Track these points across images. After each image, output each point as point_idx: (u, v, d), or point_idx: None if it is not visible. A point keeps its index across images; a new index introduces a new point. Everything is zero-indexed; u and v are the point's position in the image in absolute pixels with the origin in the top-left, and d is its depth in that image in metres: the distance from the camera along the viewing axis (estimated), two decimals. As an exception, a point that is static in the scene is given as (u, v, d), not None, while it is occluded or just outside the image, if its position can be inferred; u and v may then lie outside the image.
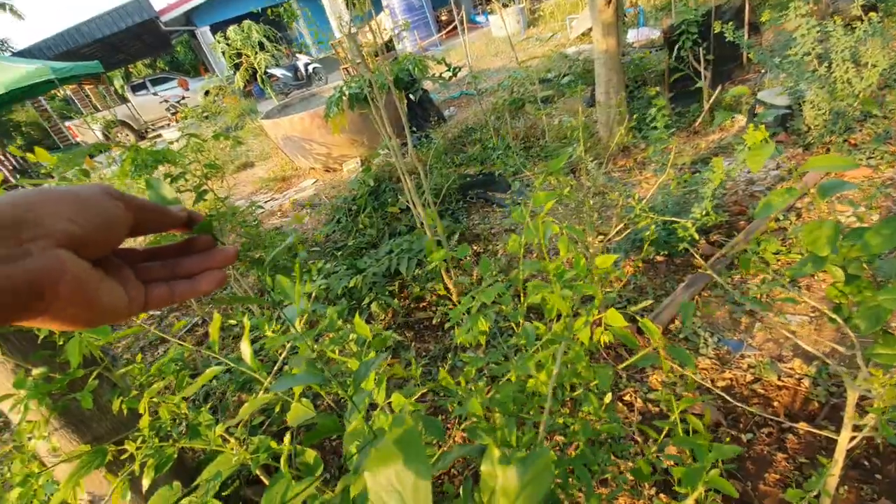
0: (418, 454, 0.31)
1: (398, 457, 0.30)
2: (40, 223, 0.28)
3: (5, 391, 0.90)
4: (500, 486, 0.40)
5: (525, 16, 12.23)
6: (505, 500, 0.39)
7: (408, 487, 0.30)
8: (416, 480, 0.30)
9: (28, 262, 0.27)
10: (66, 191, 0.30)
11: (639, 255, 2.48)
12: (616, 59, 3.82)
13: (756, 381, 1.69)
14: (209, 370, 0.92)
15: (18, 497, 1.37)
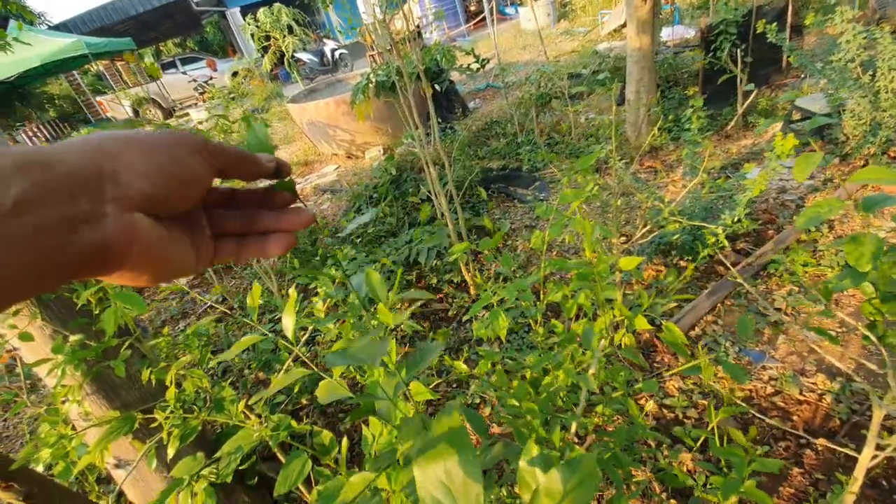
0: (469, 454, 0.31)
1: (449, 454, 0.31)
2: (118, 179, 0.26)
3: (44, 356, 0.94)
4: (544, 488, 0.40)
5: (556, 9, 12.02)
6: (549, 500, 0.39)
7: (458, 486, 0.30)
8: (466, 480, 0.30)
9: (102, 225, 0.25)
10: (147, 141, 0.28)
11: (662, 259, 2.44)
12: (650, 58, 3.74)
13: (776, 394, 1.66)
14: (247, 338, 0.94)
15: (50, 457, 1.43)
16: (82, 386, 0.99)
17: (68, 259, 0.24)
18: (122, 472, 1.23)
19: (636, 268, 1.17)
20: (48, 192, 0.23)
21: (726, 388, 1.74)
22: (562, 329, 1.27)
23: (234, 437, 1.06)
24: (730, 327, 2.00)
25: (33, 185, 0.23)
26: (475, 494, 0.30)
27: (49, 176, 0.24)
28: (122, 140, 0.27)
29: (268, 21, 8.80)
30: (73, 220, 0.24)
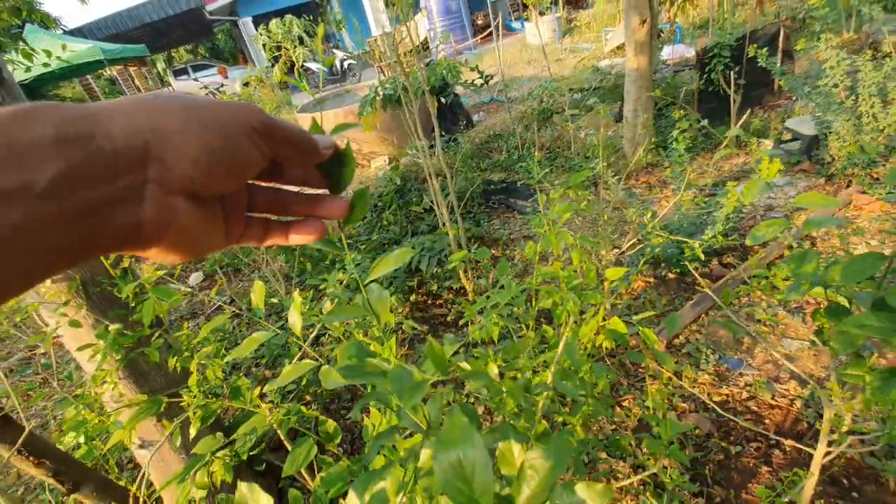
0: (478, 443, 0.42)
1: (462, 443, 0.42)
2: (164, 158, 0.24)
3: (87, 341, 1.07)
4: (529, 463, 0.52)
5: (561, 25, 12.26)
6: (533, 472, 0.52)
7: (469, 466, 0.41)
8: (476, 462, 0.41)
9: (140, 207, 0.24)
10: (206, 115, 0.26)
11: (650, 271, 2.56)
12: (647, 78, 3.89)
13: (751, 399, 1.78)
14: (256, 334, 1.07)
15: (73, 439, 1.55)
16: (117, 371, 1.12)
17: (101, 240, 0.23)
18: (145, 452, 1.35)
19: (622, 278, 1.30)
20: (88, 173, 0.21)
21: (704, 393, 1.85)
22: (552, 334, 1.39)
23: (248, 421, 1.19)
24: (711, 336, 2.11)
25: (72, 165, 0.21)
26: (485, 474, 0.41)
27: (91, 155, 0.22)
28: (179, 112, 0.25)
29: (279, 32, 9.04)
30: (110, 201, 0.23)
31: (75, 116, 0.22)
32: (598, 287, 1.39)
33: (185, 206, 0.26)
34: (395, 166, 4.44)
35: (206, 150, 0.25)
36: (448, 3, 12.97)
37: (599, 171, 2.18)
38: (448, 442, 0.43)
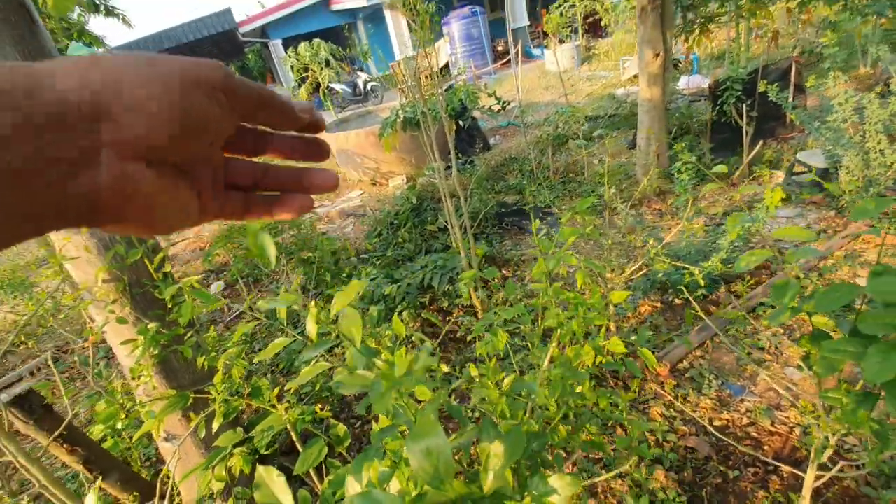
0: (440, 435, 0.52)
1: (429, 435, 0.52)
2: (119, 120, 0.22)
3: (128, 337, 1.19)
4: (492, 451, 0.62)
5: (580, 53, 12.51)
6: (496, 457, 0.61)
7: (434, 452, 0.50)
8: (439, 449, 0.51)
9: (95, 175, 0.22)
10: (164, 71, 0.24)
11: (657, 297, 2.61)
12: (660, 108, 3.99)
13: (751, 425, 1.80)
14: (279, 340, 1.17)
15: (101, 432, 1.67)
16: (152, 366, 1.23)
17: (63, 209, 0.22)
18: (169, 445, 1.46)
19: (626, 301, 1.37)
20: (31, 126, 0.20)
21: (705, 418, 1.88)
22: (557, 353, 1.47)
23: (266, 420, 1.28)
24: (715, 363, 2.15)
25: (13, 116, 0.19)
26: (445, 457, 0.51)
27: (35, 107, 0.20)
28: (132, 67, 0.23)
29: (307, 55, 9.45)
30: (61, 163, 0.21)
31: (20, 69, 0.20)
32: (603, 309, 1.46)
33: (147, 174, 0.24)
34: (411, 186, 4.58)
35: (168, 108, 0.23)
36: (470, 29, 13.35)
37: (607, 198, 2.27)
38: (419, 434, 0.54)
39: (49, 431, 1.40)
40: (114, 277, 1.17)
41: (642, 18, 3.78)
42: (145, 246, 1.12)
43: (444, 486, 0.47)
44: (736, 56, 4.85)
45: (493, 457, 0.62)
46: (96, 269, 1.13)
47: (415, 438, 0.54)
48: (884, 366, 0.80)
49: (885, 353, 0.81)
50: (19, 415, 1.32)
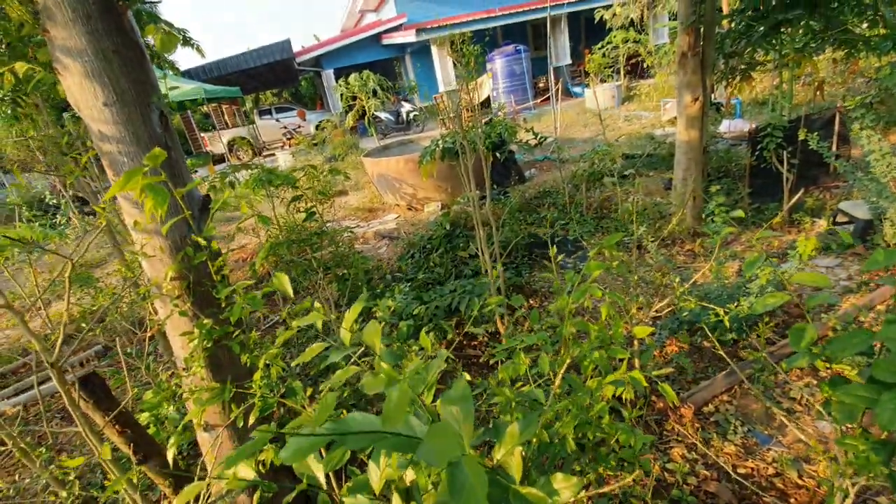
0: (468, 401, 0.61)
1: (457, 401, 0.60)
2: None
3: (187, 329, 1.32)
4: (509, 431, 0.70)
5: (621, 92, 12.64)
6: (510, 438, 0.69)
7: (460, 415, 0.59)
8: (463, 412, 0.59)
9: None
10: None
11: (685, 338, 2.59)
12: (697, 150, 4.01)
13: (777, 476, 1.76)
14: (315, 345, 1.28)
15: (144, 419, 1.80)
16: (202, 358, 1.36)
17: None
18: (207, 435, 1.57)
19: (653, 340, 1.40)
20: None
21: (729, 464, 1.85)
22: (579, 382, 1.51)
23: (298, 419, 1.38)
24: (742, 409, 2.11)
25: None
26: (467, 416, 0.60)
27: None
28: None
29: (356, 84, 9.99)
30: None
31: None
32: (625, 342, 1.51)
33: None
34: (446, 213, 4.73)
35: None
36: (512, 66, 13.76)
37: (637, 235, 2.31)
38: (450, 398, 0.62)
39: (105, 412, 1.54)
40: (180, 276, 1.32)
41: (682, 64, 3.86)
42: (209, 250, 1.27)
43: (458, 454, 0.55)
44: (779, 103, 4.82)
45: (508, 436, 0.69)
46: (167, 267, 1.29)
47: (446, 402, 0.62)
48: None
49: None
50: (83, 394, 1.47)
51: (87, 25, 1.07)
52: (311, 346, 1.31)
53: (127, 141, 1.16)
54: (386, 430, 0.58)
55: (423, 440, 0.50)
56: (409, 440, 0.58)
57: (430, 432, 0.52)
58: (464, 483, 0.48)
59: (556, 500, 0.62)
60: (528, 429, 0.67)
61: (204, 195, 1.38)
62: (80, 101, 1.13)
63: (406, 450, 0.57)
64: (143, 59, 1.18)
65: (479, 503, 0.45)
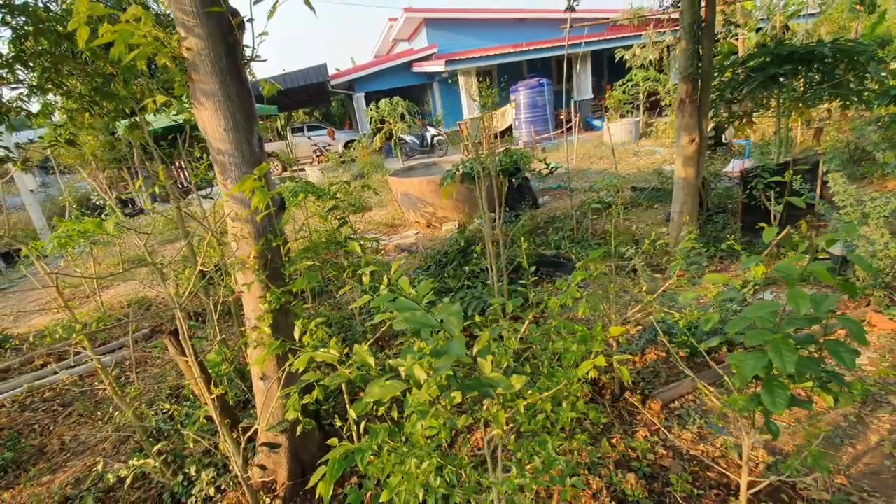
0: (457, 312, 1.03)
1: (450, 312, 1.02)
2: None
3: (261, 294, 1.77)
4: (482, 334, 1.12)
5: (639, 128, 13.10)
6: (483, 338, 1.11)
7: (452, 320, 1.00)
8: (454, 319, 1.01)
9: None
10: None
11: (663, 348, 2.95)
12: (693, 186, 4.41)
13: (722, 457, 2.10)
14: (365, 297, 1.71)
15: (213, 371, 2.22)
16: (269, 319, 1.81)
17: None
18: (262, 384, 2.01)
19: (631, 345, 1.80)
20: None
21: (685, 444, 2.20)
22: (561, 375, 1.90)
23: (334, 374, 1.80)
24: (703, 406, 2.45)
25: None
26: (457, 322, 1.02)
27: None
28: None
29: (386, 109, 10.70)
30: None
31: None
32: (602, 337, 1.91)
33: None
34: (461, 230, 5.18)
35: None
36: (535, 98, 14.40)
37: (624, 254, 2.71)
38: (445, 309, 1.04)
39: (185, 361, 2.00)
40: (261, 255, 1.77)
41: (681, 109, 4.30)
42: (283, 237, 1.73)
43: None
44: (778, 146, 5.20)
45: (482, 337, 1.11)
46: (252, 248, 1.75)
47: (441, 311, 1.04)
48: (754, 366, 1.24)
49: (757, 359, 1.25)
50: (173, 342, 1.93)
51: (220, 76, 1.56)
52: (361, 298, 1.72)
53: (235, 156, 1.64)
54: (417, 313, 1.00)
55: (440, 321, 0.93)
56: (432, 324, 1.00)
57: (441, 310, 0.95)
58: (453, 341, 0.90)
59: (510, 383, 1.03)
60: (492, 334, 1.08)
61: (280, 197, 1.85)
62: (207, 126, 1.62)
63: (430, 327, 0.99)
64: (251, 99, 1.67)
65: (461, 346, 0.87)
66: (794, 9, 7.29)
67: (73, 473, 2.68)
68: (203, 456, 2.38)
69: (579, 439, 1.90)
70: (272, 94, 1.63)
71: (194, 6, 1.49)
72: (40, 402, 3.67)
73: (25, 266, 7.17)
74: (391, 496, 1.46)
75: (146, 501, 2.29)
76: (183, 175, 12.31)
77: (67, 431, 3.21)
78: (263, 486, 2.12)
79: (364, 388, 1.33)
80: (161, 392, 3.30)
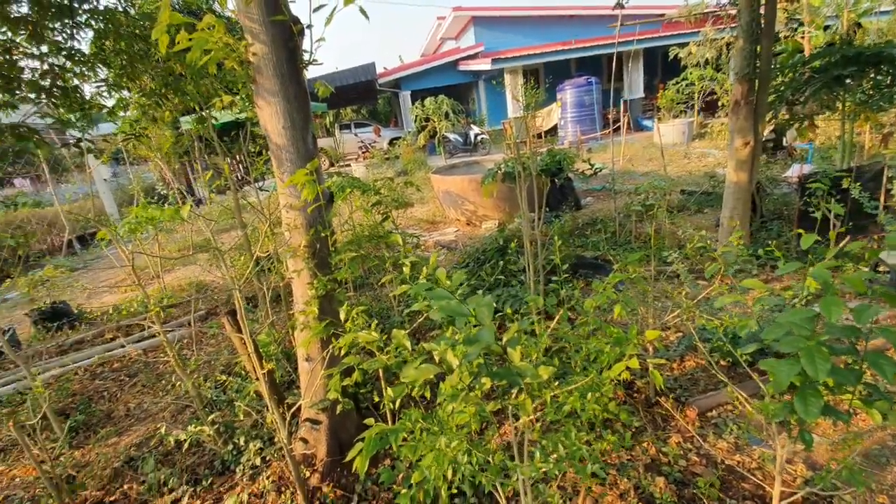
0: (489, 306, 1.10)
1: (482, 305, 1.09)
2: None
3: (306, 282, 1.92)
4: (512, 325, 1.18)
5: (692, 129, 12.58)
6: (513, 329, 1.18)
7: (483, 312, 1.07)
8: (486, 311, 1.07)
9: None
10: None
11: (703, 357, 2.88)
12: (745, 191, 4.24)
13: (758, 469, 2.05)
14: (404, 286, 1.81)
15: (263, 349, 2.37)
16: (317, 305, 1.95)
17: None
18: (307, 364, 2.16)
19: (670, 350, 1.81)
20: None
21: (720, 453, 2.16)
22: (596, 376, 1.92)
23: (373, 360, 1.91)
24: (742, 416, 2.39)
25: None
26: (487, 312, 1.09)
27: None
28: None
29: (431, 107, 10.85)
30: None
31: None
32: (637, 341, 1.92)
33: None
34: (501, 229, 5.22)
35: None
36: (582, 97, 14.12)
37: (668, 258, 2.67)
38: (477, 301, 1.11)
39: (240, 338, 2.17)
40: (310, 244, 1.91)
41: (735, 111, 4.14)
42: (330, 228, 1.86)
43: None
44: (842, 152, 4.89)
45: (512, 328, 1.17)
46: (303, 237, 1.89)
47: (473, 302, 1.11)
48: (788, 372, 1.23)
49: (791, 365, 1.25)
50: (230, 321, 2.11)
51: (280, 79, 1.71)
52: (401, 286, 1.81)
53: (291, 151, 1.78)
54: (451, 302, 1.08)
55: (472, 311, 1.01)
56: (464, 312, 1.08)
57: (474, 301, 1.03)
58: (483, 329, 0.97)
59: (537, 372, 1.09)
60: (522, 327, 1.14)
61: (329, 191, 1.99)
62: (268, 124, 1.78)
63: (462, 315, 1.06)
64: (307, 100, 1.81)
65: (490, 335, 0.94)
66: (867, 6, 6.78)
67: (136, 437, 2.96)
68: (251, 429, 2.58)
69: (609, 440, 1.92)
70: (325, 95, 1.76)
71: (261, 15, 1.64)
72: (109, 371, 4.05)
73: (102, 247, 7.84)
74: (422, 477, 1.55)
75: (199, 466, 2.51)
76: (241, 168, 13.00)
77: (132, 399, 3.53)
78: (304, 459, 2.27)
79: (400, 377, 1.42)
80: (215, 368, 3.57)
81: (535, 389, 1.39)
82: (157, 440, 2.73)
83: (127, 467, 2.61)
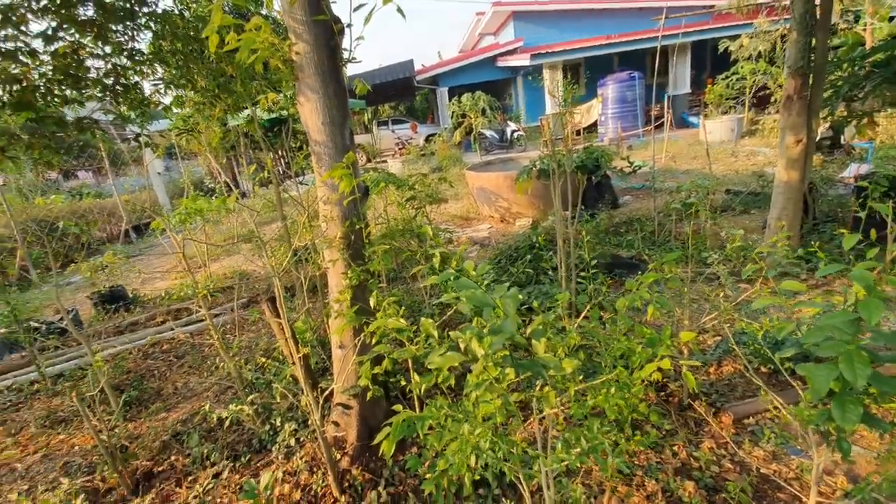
0: (514, 299, 1.12)
1: (508, 297, 1.11)
2: None
3: (341, 272, 1.99)
4: (537, 318, 1.21)
5: (742, 126, 12.01)
6: (538, 321, 1.20)
7: (508, 305, 1.10)
8: (510, 303, 1.10)
9: None
10: None
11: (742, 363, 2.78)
12: (796, 190, 4.03)
13: (796, 479, 1.97)
14: (433, 277, 1.85)
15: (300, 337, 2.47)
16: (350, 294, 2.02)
17: None
18: (340, 352, 2.24)
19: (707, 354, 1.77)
20: None
21: (755, 461, 2.09)
22: (625, 374, 1.90)
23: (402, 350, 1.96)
24: (781, 425, 2.30)
25: None
26: (512, 303, 1.11)
27: None
28: None
29: (468, 104, 10.86)
30: None
31: None
32: (669, 343, 1.89)
33: None
34: (534, 227, 5.19)
35: None
36: (624, 92, 13.73)
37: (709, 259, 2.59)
38: (502, 293, 1.14)
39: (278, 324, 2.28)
40: (345, 236, 1.99)
41: (787, 106, 3.94)
42: (364, 221, 1.93)
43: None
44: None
45: (536, 320, 1.19)
46: (339, 229, 1.97)
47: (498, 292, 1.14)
48: (826, 377, 1.20)
49: (829, 370, 1.21)
50: (270, 307, 2.22)
51: (321, 76, 1.78)
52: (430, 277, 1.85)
53: (329, 146, 1.86)
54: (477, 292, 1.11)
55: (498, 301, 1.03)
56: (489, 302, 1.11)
57: (499, 290, 1.06)
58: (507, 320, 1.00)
59: (560, 365, 1.10)
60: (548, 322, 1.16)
61: (365, 185, 2.06)
62: (308, 120, 1.86)
63: (487, 305, 1.09)
64: (346, 97, 1.88)
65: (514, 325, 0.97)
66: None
67: (183, 413, 3.16)
68: (287, 411, 2.70)
69: (636, 440, 1.90)
70: (363, 93, 1.82)
71: (304, 15, 1.72)
72: (159, 352, 4.32)
73: (156, 236, 8.33)
74: (447, 465, 1.60)
75: (239, 443, 2.66)
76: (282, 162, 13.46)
77: (179, 378, 3.76)
78: (335, 442, 2.36)
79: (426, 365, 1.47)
80: (255, 352, 3.75)
81: (560, 382, 1.40)
82: (202, 417, 2.91)
83: (174, 441, 2.80)
